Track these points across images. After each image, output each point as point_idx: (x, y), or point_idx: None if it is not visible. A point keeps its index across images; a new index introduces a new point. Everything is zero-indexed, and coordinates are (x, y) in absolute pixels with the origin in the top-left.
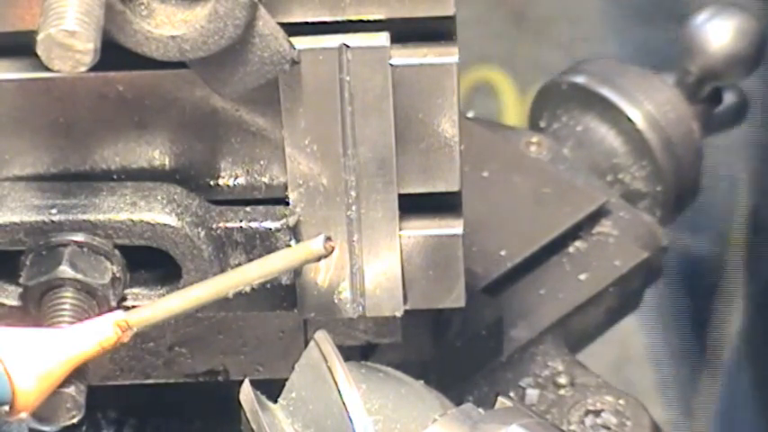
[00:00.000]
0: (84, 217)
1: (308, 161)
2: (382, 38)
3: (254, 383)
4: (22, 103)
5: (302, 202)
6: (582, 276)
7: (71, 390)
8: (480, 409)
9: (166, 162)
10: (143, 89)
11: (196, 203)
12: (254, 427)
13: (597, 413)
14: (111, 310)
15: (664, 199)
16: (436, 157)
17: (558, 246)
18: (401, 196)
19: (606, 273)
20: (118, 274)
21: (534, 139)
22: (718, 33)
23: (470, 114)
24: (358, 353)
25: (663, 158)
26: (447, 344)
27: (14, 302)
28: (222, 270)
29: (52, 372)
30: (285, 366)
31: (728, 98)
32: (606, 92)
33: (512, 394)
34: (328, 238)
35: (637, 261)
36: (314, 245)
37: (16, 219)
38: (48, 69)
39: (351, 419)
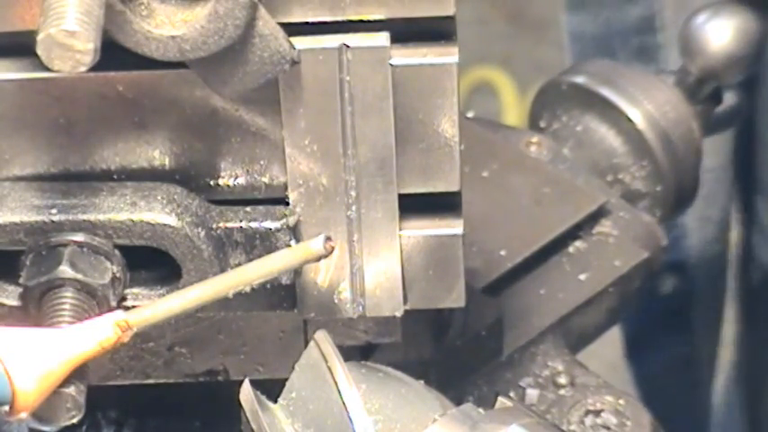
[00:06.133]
0: (84, 217)
1: (308, 161)
2: (382, 38)
3: (254, 383)
4: (22, 103)
5: (302, 202)
6: (582, 276)
7: (71, 390)
8: (480, 409)
9: (166, 162)
10: (143, 89)
11: (196, 203)
12: (254, 427)
13: (597, 413)
14: (111, 310)
15: (664, 199)
16: (436, 157)
17: (558, 246)
18: (401, 196)
19: (606, 273)
20: (118, 274)
21: (534, 139)
22: (719, 33)
23: (470, 114)
24: (358, 353)
25: (663, 158)
26: (447, 344)
27: (14, 302)
28: (222, 270)
29: (52, 372)
30: (285, 366)
31: (728, 98)
32: (606, 92)
33: (512, 394)
34: (328, 238)
35: (637, 261)
36: (314, 245)
37: (16, 219)
38: (48, 69)
39: (351, 419)
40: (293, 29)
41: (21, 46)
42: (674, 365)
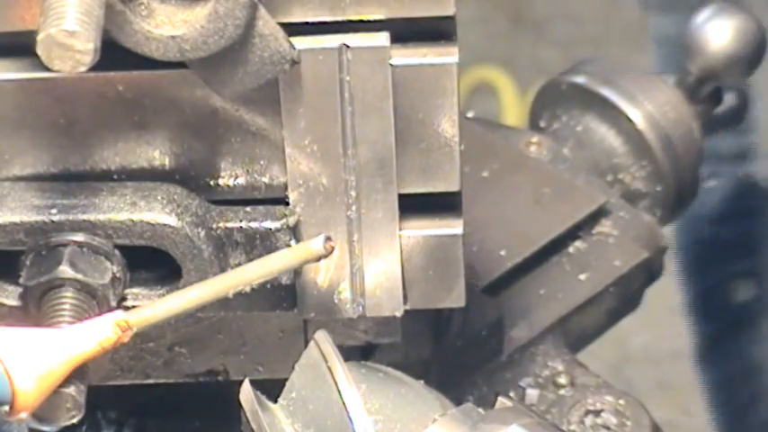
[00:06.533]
0: (84, 217)
1: (308, 161)
2: (382, 38)
3: (254, 383)
4: (22, 103)
5: (302, 202)
6: (582, 276)
7: (71, 390)
8: (480, 409)
9: (166, 162)
10: (143, 89)
11: (196, 203)
12: (254, 427)
13: (597, 413)
14: (111, 310)
15: (664, 199)
16: (436, 157)
17: (558, 246)
18: (401, 196)
19: (606, 273)
20: (118, 274)
21: (534, 139)
22: (719, 33)
23: (470, 114)
24: (358, 353)
25: (663, 158)
26: (447, 344)
27: (14, 302)
28: (222, 270)
29: (52, 372)
30: (285, 366)
31: (728, 98)
32: (606, 92)
33: (512, 394)
34: (328, 238)
35: (637, 261)
36: (314, 245)
37: (16, 219)
38: (48, 69)
39: (351, 419)
40: (293, 29)
41: (21, 46)
42: (744, 373)
